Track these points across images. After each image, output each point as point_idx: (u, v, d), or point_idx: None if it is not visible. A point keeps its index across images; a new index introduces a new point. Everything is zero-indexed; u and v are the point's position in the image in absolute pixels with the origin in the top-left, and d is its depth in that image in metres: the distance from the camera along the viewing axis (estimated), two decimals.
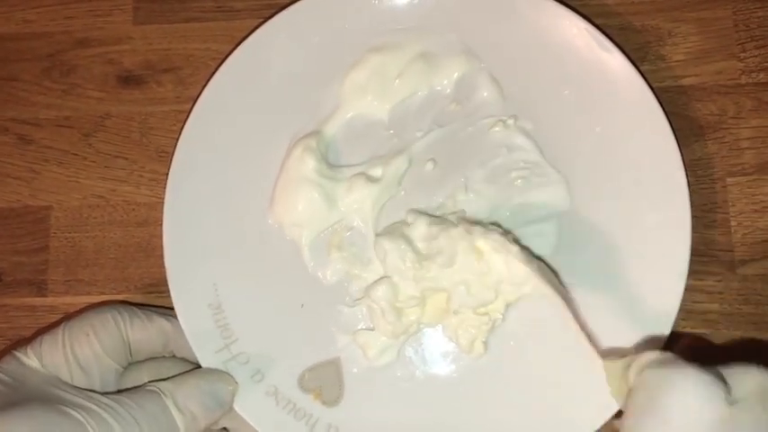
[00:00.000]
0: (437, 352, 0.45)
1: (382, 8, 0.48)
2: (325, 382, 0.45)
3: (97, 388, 0.41)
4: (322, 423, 0.44)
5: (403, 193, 0.47)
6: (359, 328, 0.45)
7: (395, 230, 0.45)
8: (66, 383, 0.41)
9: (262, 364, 0.45)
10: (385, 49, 0.48)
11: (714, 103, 0.48)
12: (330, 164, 0.47)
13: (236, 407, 0.43)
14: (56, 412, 0.38)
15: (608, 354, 0.37)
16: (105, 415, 0.39)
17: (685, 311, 0.45)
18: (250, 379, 0.44)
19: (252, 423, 0.43)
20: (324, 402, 0.44)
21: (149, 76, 0.51)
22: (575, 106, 0.46)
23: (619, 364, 0.35)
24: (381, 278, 0.44)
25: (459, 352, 0.45)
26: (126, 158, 0.50)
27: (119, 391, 0.42)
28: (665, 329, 0.42)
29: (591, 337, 0.38)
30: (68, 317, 0.44)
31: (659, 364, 0.32)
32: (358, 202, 0.46)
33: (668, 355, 0.33)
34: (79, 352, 0.41)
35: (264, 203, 0.47)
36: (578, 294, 0.44)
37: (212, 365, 0.44)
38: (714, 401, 0.30)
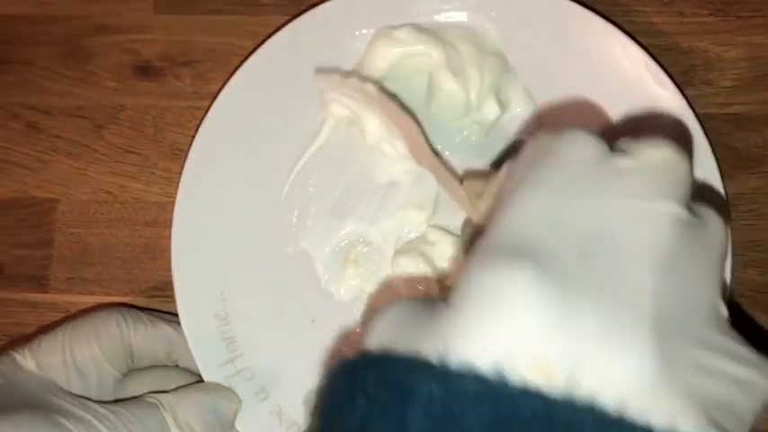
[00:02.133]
0: None
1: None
2: None
3: (94, 395, 0.40)
4: None
5: None
6: None
7: (413, 248, 0.43)
8: (61, 389, 0.39)
9: (267, 382, 0.43)
10: None
11: (761, 135, 0.45)
12: None
13: (238, 425, 0.41)
14: (47, 422, 0.36)
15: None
16: (101, 427, 0.37)
17: None
18: (254, 396, 0.42)
19: None
20: None
21: (167, 69, 0.49)
22: (616, 130, 0.44)
23: (478, 182, 0.36)
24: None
25: None
26: (138, 154, 0.48)
27: (117, 401, 0.40)
28: None
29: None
30: (71, 317, 0.42)
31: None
32: None
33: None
34: (79, 356, 0.40)
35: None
36: None
37: (215, 379, 0.42)
38: (600, 143, 0.27)
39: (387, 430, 0.22)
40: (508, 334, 0.22)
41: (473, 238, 0.34)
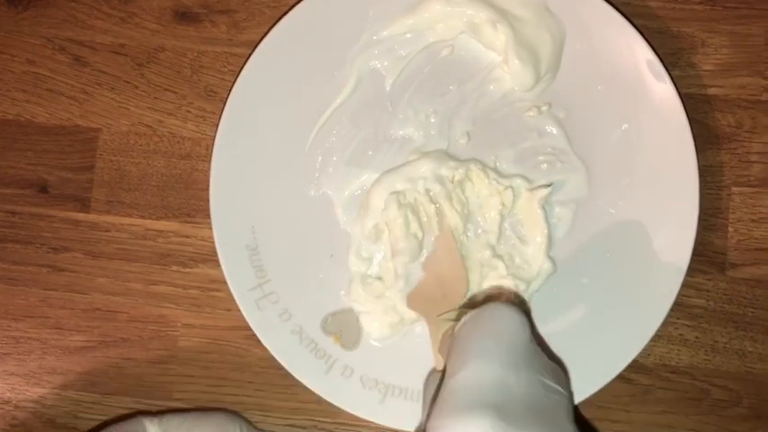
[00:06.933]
0: None
1: None
2: (345, 327, 0.49)
3: None
4: (339, 364, 0.49)
5: None
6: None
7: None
8: None
9: (290, 305, 0.49)
10: None
11: (733, 116, 0.51)
12: None
13: (264, 341, 0.48)
14: None
15: None
16: None
17: (674, 303, 0.49)
18: (278, 317, 0.49)
19: (277, 357, 0.48)
20: (343, 345, 0.49)
21: (205, 15, 0.53)
22: (606, 102, 0.49)
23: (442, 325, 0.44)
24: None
25: None
26: (175, 93, 0.53)
27: None
28: (659, 317, 0.47)
29: None
30: (197, 408, 0.51)
31: None
32: None
33: None
34: None
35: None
36: (583, 279, 0.48)
37: (245, 301, 0.48)
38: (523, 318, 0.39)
39: None
40: None
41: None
